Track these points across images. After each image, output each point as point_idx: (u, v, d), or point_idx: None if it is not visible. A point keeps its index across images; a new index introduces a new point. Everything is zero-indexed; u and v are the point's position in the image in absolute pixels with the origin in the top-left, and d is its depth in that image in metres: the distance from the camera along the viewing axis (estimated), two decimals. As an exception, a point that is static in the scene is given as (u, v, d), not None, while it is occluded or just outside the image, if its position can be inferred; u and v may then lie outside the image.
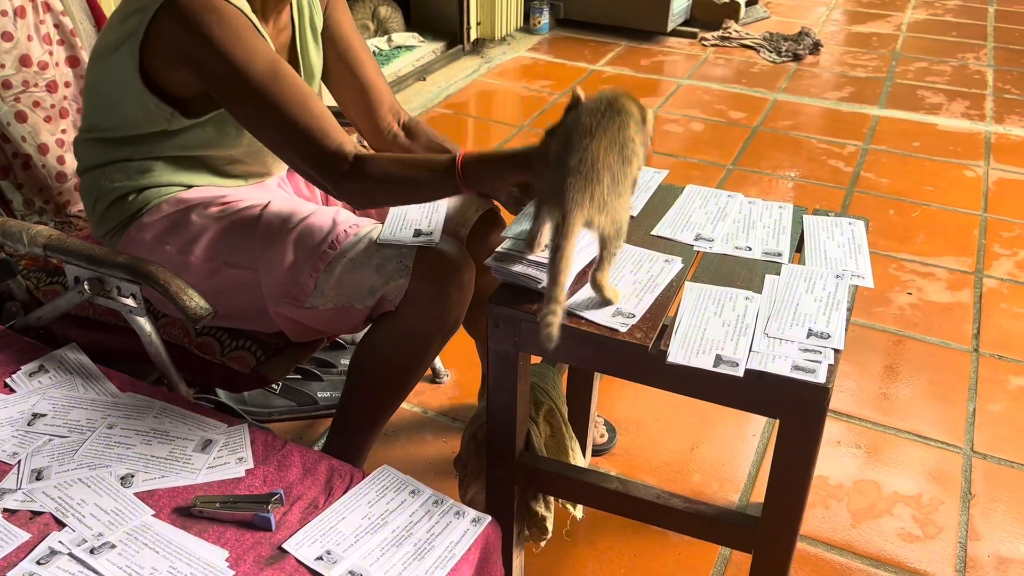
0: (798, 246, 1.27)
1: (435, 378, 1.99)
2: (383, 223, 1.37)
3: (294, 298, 1.32)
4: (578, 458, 1.36)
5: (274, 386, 1.84)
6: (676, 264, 1.19)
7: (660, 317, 1.09)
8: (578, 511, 1.36)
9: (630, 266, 1.18)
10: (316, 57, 1.46)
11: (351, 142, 1.26)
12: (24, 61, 1.56)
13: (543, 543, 1.36)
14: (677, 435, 1.85)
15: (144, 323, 1.31)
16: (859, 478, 1.77)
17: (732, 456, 1.81)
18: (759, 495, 1.68)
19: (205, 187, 1.41)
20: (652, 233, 1.27)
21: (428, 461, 1.78)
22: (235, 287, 1.34)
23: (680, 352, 1.03)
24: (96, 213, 1.42)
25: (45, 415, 1.23)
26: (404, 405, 1.91)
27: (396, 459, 1.77)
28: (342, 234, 1.33)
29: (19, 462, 1.15)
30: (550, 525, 1.32)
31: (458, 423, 1.87)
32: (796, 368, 1.00)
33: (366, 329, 1.41)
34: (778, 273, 1.18)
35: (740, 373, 1.00)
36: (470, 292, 1.37)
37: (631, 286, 1.14)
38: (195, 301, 1.23)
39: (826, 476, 1.76)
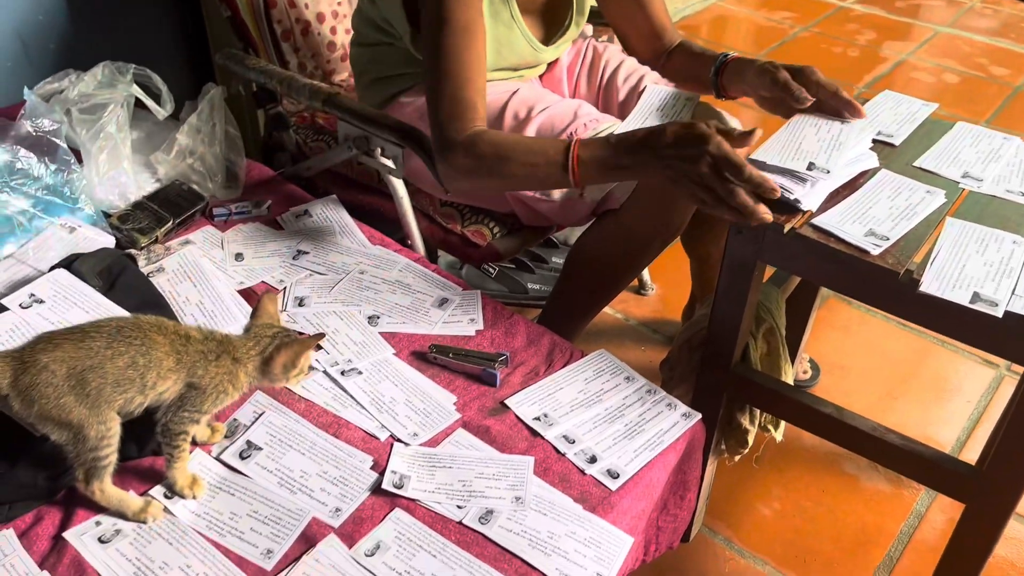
0: (1079, 201, 1.17)
1: (640, 289, 2.02)
2: (623, 120, 1.39)
3: None
4: (789, 380, 1.35)
5: (490, 269, 1.94)
6: (938, 197, 1.13)
7: (915, 246, 1.05)
8: (779, 434, 1.36)
9: (888, 191, 1.14)
10: None
11: (472, 138, 1.20)
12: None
13: (738, 457, 1.38)
14: (881, 386, 1.79)
15: (399, 185, 1.42)
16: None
17: (939, 416, 1.73)
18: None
19: None
20: (915, 164, 1.21)
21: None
22: None
23: (935, 283, 0.99)
24: (361, 86, 1.53)
25: (308, 252, 1.37)
26: (607, 310, 1.96)
27: (595, 358, 1.82)
28: (581, 127, 1.35)
29: (285, 288, 1.30)
30: (751, 439, 1.33)
31: (658, 335, 1.90)
32: (1065, 319, 0.94)
33: (586, 225, 1.46)
34: (1053, 223, 1.10)
35: (999, 314, 0.95)
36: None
37: (886, 211, 1.10)
38: (451, 169, 1.31)
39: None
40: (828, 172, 1.11)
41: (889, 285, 1.02)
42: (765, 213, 1.03)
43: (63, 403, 0.88)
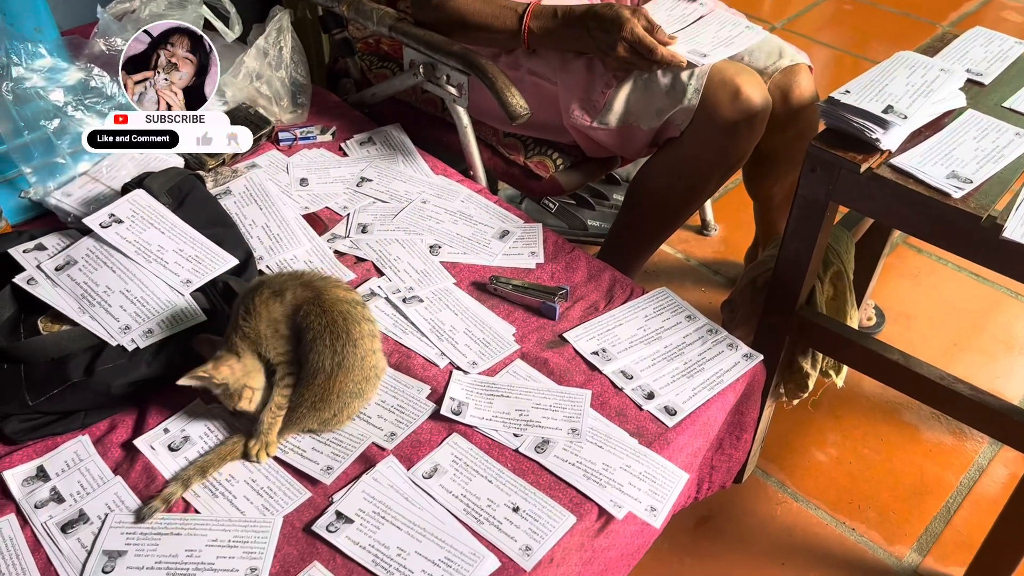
0: None
1: (703, 230, 1.98)
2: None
3: (586, 113, 1.35)
4: (855, 326, 1.32)
5: (550, 204, 1.93)
6: (1028, 140, 1.08)
7: (1000, 190, 1.01)
8: (840, 379, 1.34)
9: (974, 132, 1.09)
10: None
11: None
12: None
13: (796, 401, 1.36)
14: (948, 336, 1.74)
15: (463, 113, 1.40)
16: None
17: (1007, 369, 1.68)
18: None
19: None
20: (1004, 104, 1.15)
21: (683, 306, 1.80)
22: (536, 97, 1.39)
23: (1020, 229, 0.95)
24: None
25: (371, 180, 1.37)
26: (668, 249, 1.93)
27: (653, 297, 1.81)
28: None
29: (348, 215, 1.31)
30: (811, 383, 1.31)
31: (719, 276, 1.87)
32: None
33: (645, 160, 1.43)
34: None
35: (1086, 263, 0.91)
36: (759, 132, 1.32)
37: (971, 153, 1.05)
38: (517, 99, 1.29)
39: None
40: (905, 118, 1.06)
41: (969, 230, 0.98)
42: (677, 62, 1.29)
43: None
